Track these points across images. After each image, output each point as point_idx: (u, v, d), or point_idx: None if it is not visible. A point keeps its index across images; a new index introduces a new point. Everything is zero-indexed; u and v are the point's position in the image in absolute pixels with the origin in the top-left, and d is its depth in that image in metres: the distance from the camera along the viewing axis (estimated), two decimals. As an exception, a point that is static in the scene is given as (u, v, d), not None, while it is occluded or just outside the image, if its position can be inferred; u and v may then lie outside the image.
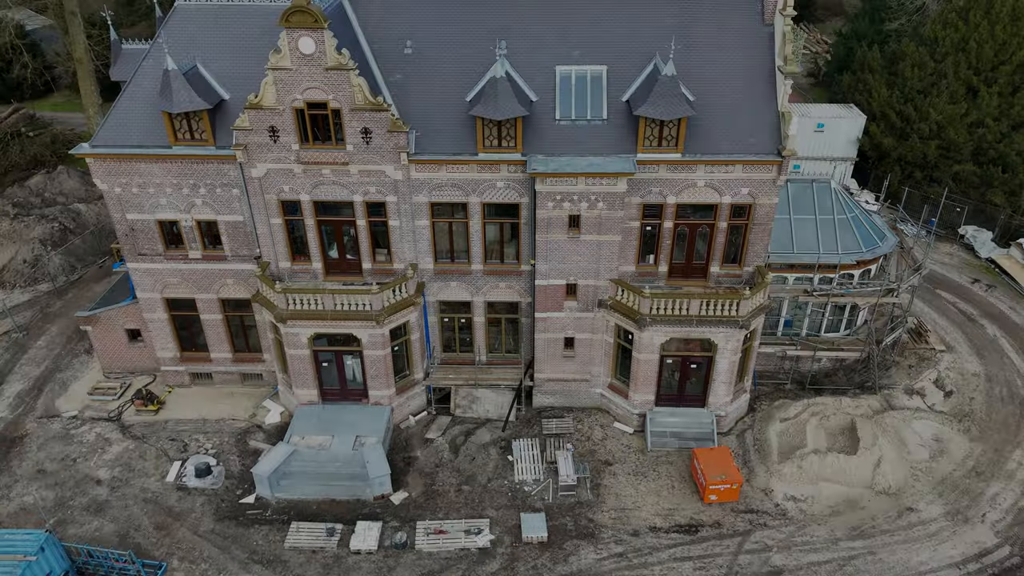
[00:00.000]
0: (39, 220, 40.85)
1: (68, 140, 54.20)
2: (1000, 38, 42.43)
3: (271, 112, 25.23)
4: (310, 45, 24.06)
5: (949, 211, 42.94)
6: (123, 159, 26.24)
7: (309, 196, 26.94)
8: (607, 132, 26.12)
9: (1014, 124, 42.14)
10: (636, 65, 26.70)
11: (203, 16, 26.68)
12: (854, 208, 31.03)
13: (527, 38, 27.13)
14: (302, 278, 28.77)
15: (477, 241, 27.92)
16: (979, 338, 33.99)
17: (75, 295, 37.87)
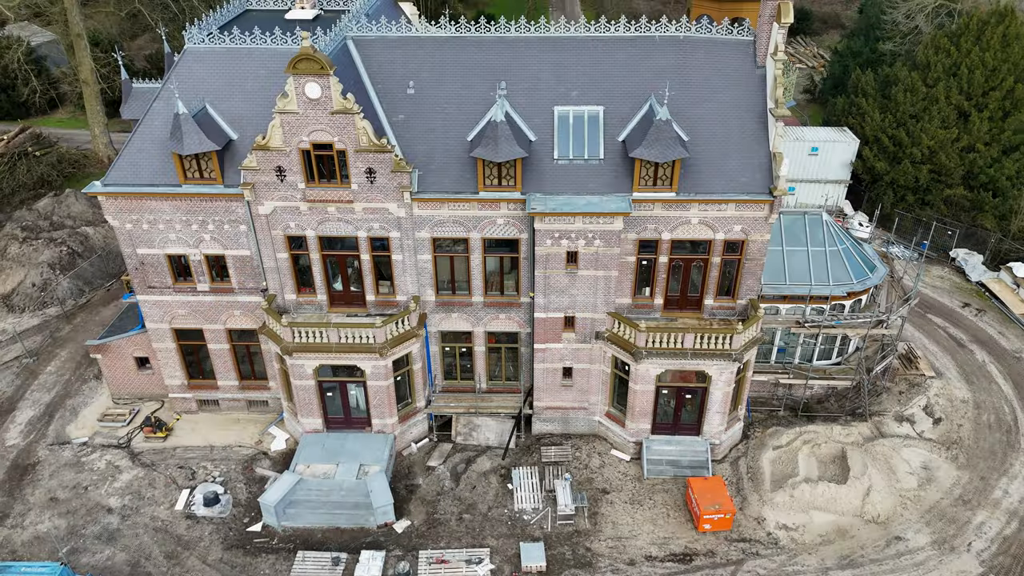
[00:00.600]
0: (47, 244, 41.61)
1: (75, 160, 55.26)
2: (990, 64, 43.23)
3: (278, 153, 26.03)
4: (316, 90, 24.86)
5: (941, 234, 43.80)
6: (134, 197, 27.05)
7: (315, 232, 27.72)
8: (604, 171, 26.91)
9: (1004, 149, 42.96)
10: (632, 105, 27.50)
11: (213, 58, 27.45)
12: (845, 240, 31.83)
13: (526, 78, 27.95)
14: (307, 309, 29.56)
15: (478, 274, 28.71)
16: (968, 364, 34.78)
17: (84, 319, 38.66)
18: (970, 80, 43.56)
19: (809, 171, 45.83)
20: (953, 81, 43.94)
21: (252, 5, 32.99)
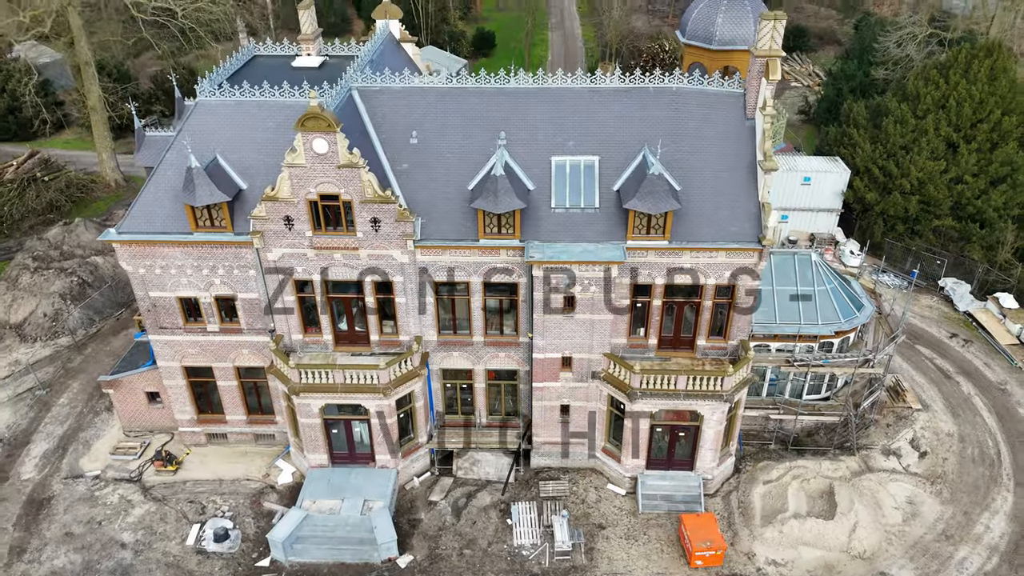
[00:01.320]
0: (58, 274, 42.63)
1: (82, 185, 56.29)
2: (978, 97, 44.36)
3: (286, 203, 27.08)
4: (324, 146, 25.90)
5: (930, 263, 44.89)
6: (147, 244, 28.09)
7: (321, 276, 28.77)
8: (599, 220, 27.95)
9: (992, 180, 44.07)
10: (626, 155, 28.55)
11: (223, 110, 28.49)
12: (833, 279, 32.88)
13: (525, 128, 29.01)
14: (313, 349, 30.58)
15: (478, 315, 29.74)
16: (954, 396, 35.81)
17: (94, 349, 39.69)
18: (958, 112, 44.69)
19: (802, 200, 46.99)
20: (942, 113, 45.06)
21: (260, 51, 34.10)
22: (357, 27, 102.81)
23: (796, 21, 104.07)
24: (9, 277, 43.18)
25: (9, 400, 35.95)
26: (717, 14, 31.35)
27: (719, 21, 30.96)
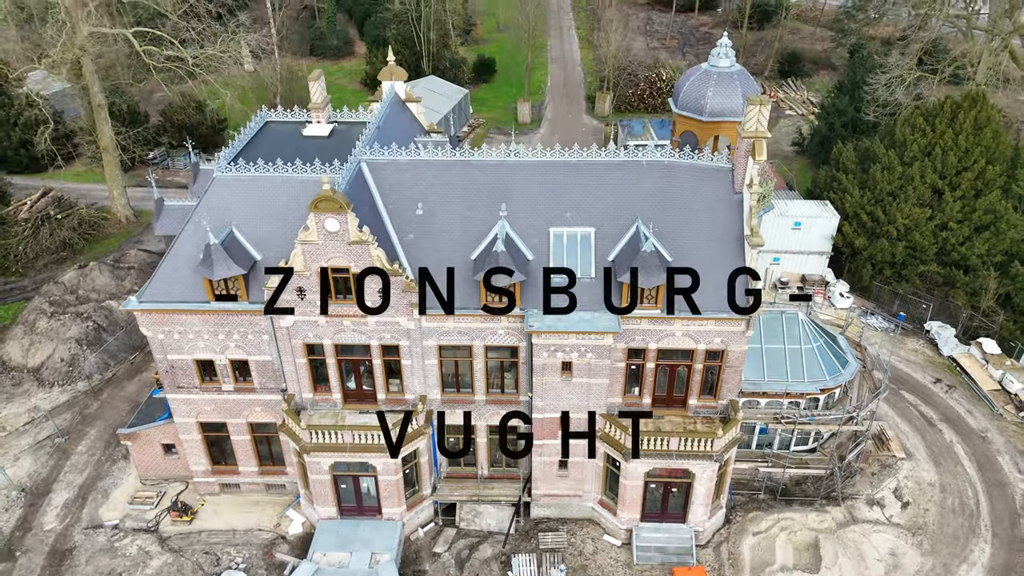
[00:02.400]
0: (74, 318, 44.12)
1: (94, 222, 57.76)
2: (963, 146, 45.88)
3: (299, 276, 28.59)
4: (335, 225, 27.40)
5: (916, 306, 46.40)
6: (167, 312, 29.62)
7: (331, 341, 30.25)
8: (595, 289, 29.43)
9: (976, 227, 45.57)
10: (621, 226, 30.01)
11: (239, 185, 30.00)
12: (819, 336, 34.39)
13: (524, 199, 30.52)
14: (323, 407, 32.07)
15: (480, 376, 31.25)
16: (937, 444, 37.30)
17: (110, 395, 41.17)
18: (944, 161, 46.21)
19: (792, 243, 48.55)
20: (928, 161, 46.57)
21: (272, 117, 35.63)
22: (359, 48, 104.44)
23: (792, 44, 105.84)
24: (27, 321, 44.71)
25: (30, 448, 37.46)
26: (707, 88, 32.84)
27: (709, 94, 32.47)
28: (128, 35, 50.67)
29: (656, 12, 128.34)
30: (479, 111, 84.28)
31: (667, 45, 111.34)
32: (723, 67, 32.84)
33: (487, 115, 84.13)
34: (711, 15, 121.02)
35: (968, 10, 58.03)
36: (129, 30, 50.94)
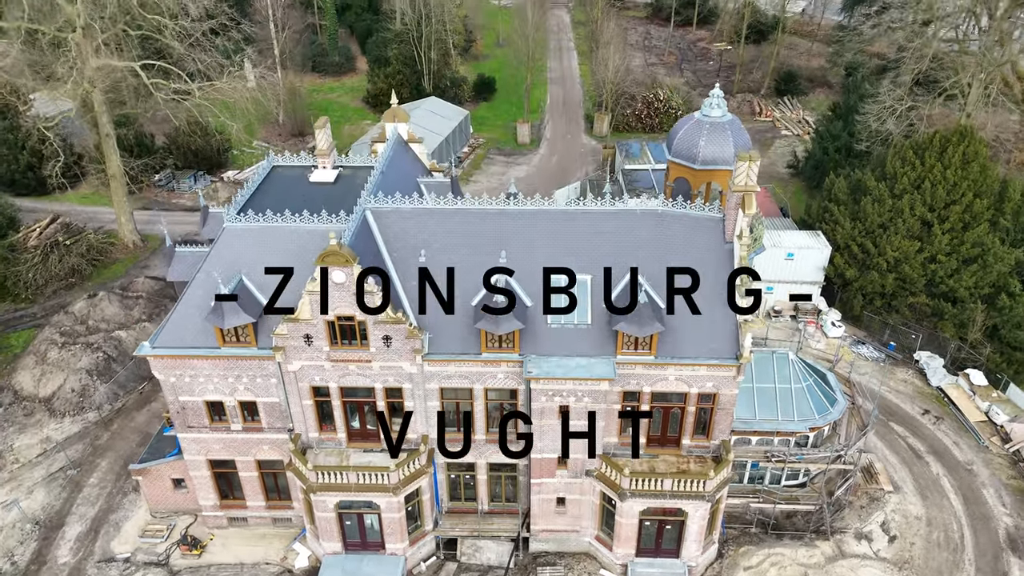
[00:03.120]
0: (85, 349, 45.22)
1: (101, 248, 58.80)
2: (951, 180, 46.99)
3: (306, 324, 29.70)
4: (342, 277, 28.51)
5: (906, 336, 47.49)
6: (179, 358, 30.73)
7: (337, 384, 31.36)
8: (592, 335, 30.56)
9: (963, 260, 46.64)
10: (616, 273, 31.07)
11: (248, 234, 31.09)
12: (808, 376, 35.50)
13: (524, 246, 31.60)
14: (328, 446, 33.16)
15: (480, 417, 32.36)
16: (924, 477, 38.40)
17: (120, 425, 42.25)
18: (933, 194, 47.31)
19: (786, 273, 49.66)
20: (917, 194, 47.67)
21: (279, 162, 36.76)
22: (360, 64, 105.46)
23: (788, 60, 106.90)
24: (38, 352, 45.80)
25: (43, 480, 38.54)
26: (700, 137, 33.94)
27: (701, 143, 33.57)
28: (136, 68, 51.81)
29: (655, 26, 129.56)
30: (479, 130, 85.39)
31: (665, 61, 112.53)
32: (715, 117, 33.96)
33: (487, 134, 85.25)
34: (708, 29, 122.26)
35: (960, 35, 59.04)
36: (137, 63, 52.04)
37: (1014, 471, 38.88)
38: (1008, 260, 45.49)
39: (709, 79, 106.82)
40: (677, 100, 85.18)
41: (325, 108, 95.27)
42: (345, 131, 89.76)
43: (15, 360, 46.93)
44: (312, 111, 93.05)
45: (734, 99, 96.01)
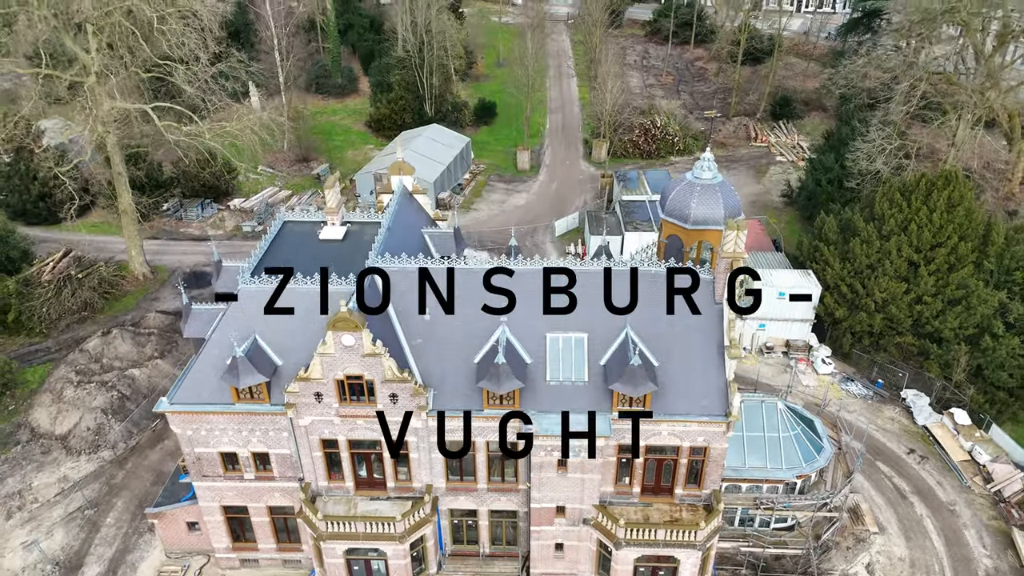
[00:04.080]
0: (99, 388, 46.77)
1: (113, 282, 60.28)
2: (937, 223, 48.58)
3: (317, 383, 31.27)
4: (351, 340, 30.10)
5: (893, 374, 49.05)
6: (196, 414, 32.29)
7: (345, 437, 32.93)
8: (588, 392, 32.11)
9: (949, 301, 48.20)
10: (612, 331, 32.64)
11: (262, 296, 32.59)
12: (796, 425, 37.06)
13: (524, 304, 33.16)
14: (337, 493, 34.72)
15: (482, 467, 33.91)
16: (908, 518, 39.95)
17: (134, 464, 43.78)
18: (919, 236, 48.89)
19: (777, 311, 51.22)
20: (904, 236, 49.26)
21: (290, 217, 38.35)
22: (363, 85, 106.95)
23: (784, 82, 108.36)
24: (54, 389, 47.37)
25: (62, 520, 40.09)
26: (691, 199, 35.37)
27: (693, 205, 35.05)
28: (148, 110, 53.39)
29: (653, 45, 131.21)
30: (480, 155, 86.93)
31: (663, 82, 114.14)
32: (706, 179, 35.41)
33: (488, 160, 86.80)
34: (706, 48, 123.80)
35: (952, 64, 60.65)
36: (148, 105, 53.62)
37: (994, 511, 40.46)
38: (991, 302, 47.05)
39: (706, 101, 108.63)
40: (674, 126, 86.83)
41: (329, 131, 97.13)
42: (349, 156, 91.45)
43: (31, 396, 48.49)
44: (317, 135, 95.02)
45: (731, 122, 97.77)
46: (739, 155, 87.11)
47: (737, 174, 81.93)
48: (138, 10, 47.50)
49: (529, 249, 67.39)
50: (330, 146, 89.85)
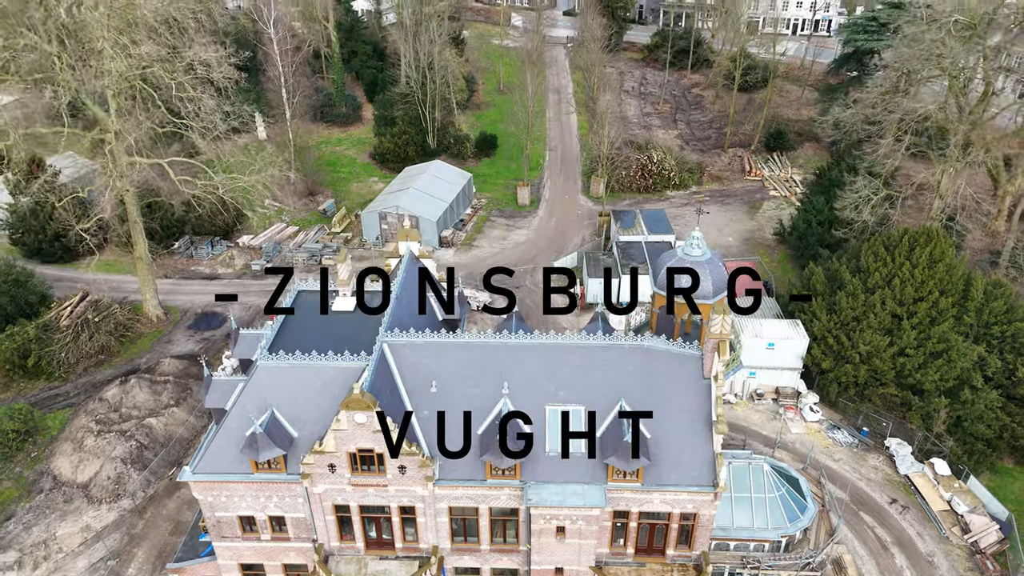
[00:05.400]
0: (119, 437, 48.94)
1: (127, 325, 62.45)
2: (919, 278, 50.76)
3: (330, 455, 33.46)
4: (363, 418, 32.29)
5: (877, 422, 51.23)
6: (217, 483, 34.48)
7: (356, 503, 35.13)
8: (585, 464, 34.28)
9: (930, 353, 50.37)
10: (607, 402, 34.86)
11: (279, 372, 34.82)
12: (781, 486, 39.23)
13: (524, 377, 35.33)
14: (348, 553, 36.91)
15: (485, 530, 36.11)
16: (889, 570, 42.09)
17: (153, 513, 45.95)
18: (902, 290, 51.07)
19: (767, 360, 53.37)
20: (888, 290, 51.43)
21: (304, 287, 40.59)
22: (366, 113, 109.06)
23: (779, 112, 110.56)
24: (75, 438, 49.55)
25: (86, 570, 42.25)
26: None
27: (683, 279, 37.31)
28: (164, 165, 55.63)
29: (651, 70, 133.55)
30: (481, 189, 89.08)
31: (660, 111, 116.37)
32: (695, 256, 37.66)
33: (489, 193, 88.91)
34: (704, 74, 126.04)
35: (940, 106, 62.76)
36: (164, 160, 55.85)
37: (971, 563, 42.61)
38: (971, 356, 49.24)
39: (703, 131, 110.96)
40: (670, 161, 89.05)
41: (334, 162, 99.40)
42: (353, 189, 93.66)
43: (52, 444, 50.70)
44: (322, 166, 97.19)
45: (726, 154, 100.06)
46: (734, 189, 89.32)
47: (732, 210, 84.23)
48: (156, 76, 49.74)
49: (529, 289, 69.90)
50: (335, 178, 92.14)
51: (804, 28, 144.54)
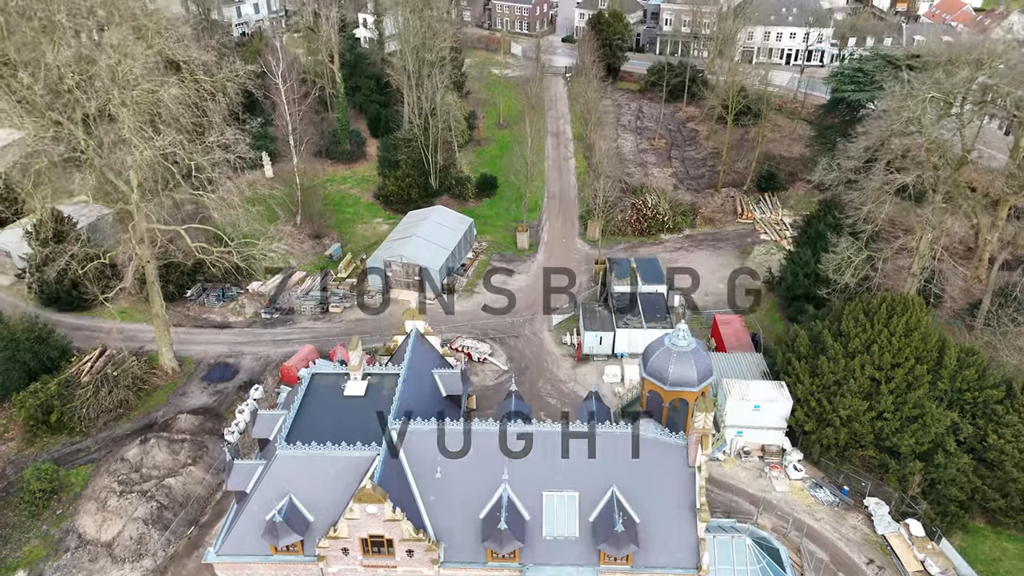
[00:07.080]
0: (140, 498, 51.78)
1: (144, 379, 65.29)
2: (896, 346, 53.68)
3: (344, 540, 36.38)
4: (375, 509, 35.20)
5: (857, 482, 54.16)
6: (239, 565, 37.39)
7: (368, 580, 38.15)
8: (579, 547, 37.29)
9: (907, 418, 53.29)
10: (600, 488, 37.87)
11: (297, 460, 37.74)
12: (762, 559, 42.13)
13: (523, 462, 38.28)
14: (360, 623, 39.88)
15: (487, 603, 39.11)
16: (863, 634, 45.10)
17: (174, 574, 48.79)
18: (880, 357, 53.98)
19: (753, 420, 56.29)
20: (867, 356, 54.34)
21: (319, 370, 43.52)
22: (370, 149, 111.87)
23: (772, 149, 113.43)
24: (98, 498, 52.40)
25: (113, 634, 45.23)
26: (669, 363, 40.56)
27: (671, 368, 40.21)
28: (182, 232, 58.55)
29: (647, 102, 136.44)
30: (482, 231, 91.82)
31: (655, 146, 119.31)
32: (682, 347, 40.57)
33: (489, 236, 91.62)
34: (699, 106, 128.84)
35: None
36: (182, 227, 58.79)
37: (941, 624, 45.63)
38: (944, 421, 52.17)
39: (697, 169, 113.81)
40: (664, 205, 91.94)
41: (339, 202, 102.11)
42: (358, 231, 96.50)
43: (76, 501, 53.52)
44: (327, 206, 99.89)
45: (719, 194, 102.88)
46: (726, 232, 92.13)
47: (723, 254, 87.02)
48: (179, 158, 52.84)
49: (528, 338, 72.76)
50: (340, 219, 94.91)
51: (797, 59, 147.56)
